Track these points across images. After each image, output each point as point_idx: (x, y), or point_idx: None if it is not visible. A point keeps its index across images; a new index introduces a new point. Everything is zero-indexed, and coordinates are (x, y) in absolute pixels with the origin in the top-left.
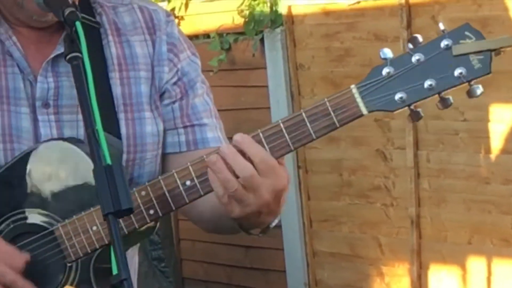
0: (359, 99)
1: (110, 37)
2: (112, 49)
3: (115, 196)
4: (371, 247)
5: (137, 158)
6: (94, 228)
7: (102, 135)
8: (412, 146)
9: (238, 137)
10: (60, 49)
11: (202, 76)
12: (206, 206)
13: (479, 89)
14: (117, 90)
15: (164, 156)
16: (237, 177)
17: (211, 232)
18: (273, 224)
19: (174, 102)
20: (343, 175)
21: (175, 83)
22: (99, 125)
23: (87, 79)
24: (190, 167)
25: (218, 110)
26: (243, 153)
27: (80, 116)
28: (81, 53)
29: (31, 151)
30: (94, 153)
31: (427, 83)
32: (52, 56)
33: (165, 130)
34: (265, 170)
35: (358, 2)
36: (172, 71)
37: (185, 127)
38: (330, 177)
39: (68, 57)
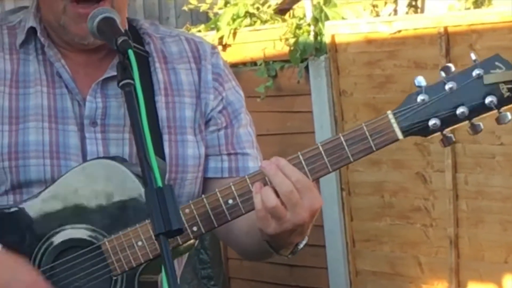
0: (395, 125)
1: (157, 64)
2: (159, 75)
3: (166, 217)
4: (411, 266)
5: (178, 178)
6: (140, 243)
7: (153, 159)
8: (450, 169)
9: (274, 159)
10: (110, 73)
11: (245, 108)
12: (242, 231)
13: (508, 117)
14: (162, 113)
15: (205, 180)
16: (277, 194)
17: (245, 256)
18: (301, 245)
19: (219, 130)
20: (385, 196)
21: (220, 112)
22: (150, 150)
23: (139, 105)
24: (232, 187)
25: (265, 135)
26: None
27: (126, 135)
28: (133, 79)
29: (78, 169)
30: (146, 176)
31: (459, 110)
32: (102, 78)
33: (208, 155)
34: (301, 190)
35: (399, 31)
36: (217, 99)
37: (229, 154)
38: (372, 199)
39: (121, 83)
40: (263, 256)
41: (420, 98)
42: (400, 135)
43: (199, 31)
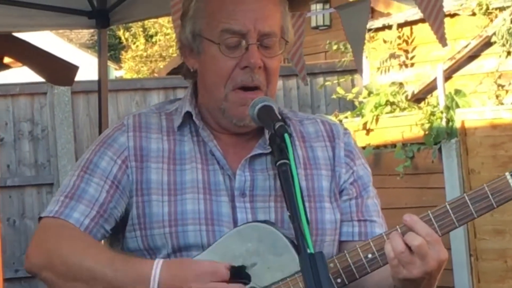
0: None
1: (297, 143)
2: (299, 152)
3: (317, 280)
4: None
5: (318, 240)
6: None
7: (307, 228)
8: None
9: (407, 216)
10: (257, 151)
11: (372, 182)
12: (372, 283)
13: None
14: (302, 184)
15: (339, 242)
16: (408, 247)
17: None
18: None
19: (351, 199)
20: (508, 261)
21: (351, 183)
22: (304, 221)
23: (294, 182)
24: (371, 242)
25: (404, 208)
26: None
27: (271, 204)
28: (288, 160)
29: (233, 232)
30: (300, 243)
31: None
32: (250, 155)
33: (342, 221)
34: (431, 242)
35: None
36: (348, 173)
37: (359, 220)
38: (497, 264)
39: (278, 163)
40: None
41: None
42: None
43: (346, 117)
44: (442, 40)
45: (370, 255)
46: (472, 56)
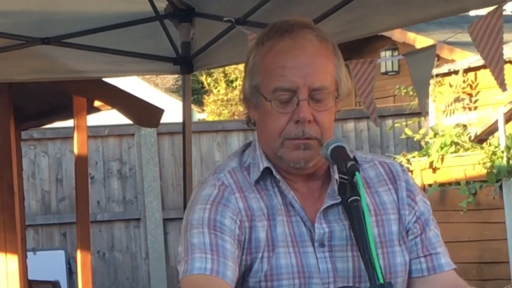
0: None
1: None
2: (367, 199)
3: None
4: None
5: None
6: None
7: (376, 260)
8: None
9: None
10: (328, 203)
11: (432, 213)
12: None
13: None
14: (374, 231)
15: (409, 279)
16: None
17: None
18: None
19: (415, 237)
20: None
21: (415, 222)
22: (373, 253)
23: (365, 217)
24: None
25: (467, 241)
26: None
27: (349, 253)
28: (359, 196)
29: None
30: (370, 274)
31: None
32: (322, 208)
33: (410, 259)
34: None
35: None
36: (411, 213)
37: (425, 256)
38: None
39: (350, 199)
40: None
41: None
42: None
43: (413, 156)
44: (502, 85)
45: None
46: None
